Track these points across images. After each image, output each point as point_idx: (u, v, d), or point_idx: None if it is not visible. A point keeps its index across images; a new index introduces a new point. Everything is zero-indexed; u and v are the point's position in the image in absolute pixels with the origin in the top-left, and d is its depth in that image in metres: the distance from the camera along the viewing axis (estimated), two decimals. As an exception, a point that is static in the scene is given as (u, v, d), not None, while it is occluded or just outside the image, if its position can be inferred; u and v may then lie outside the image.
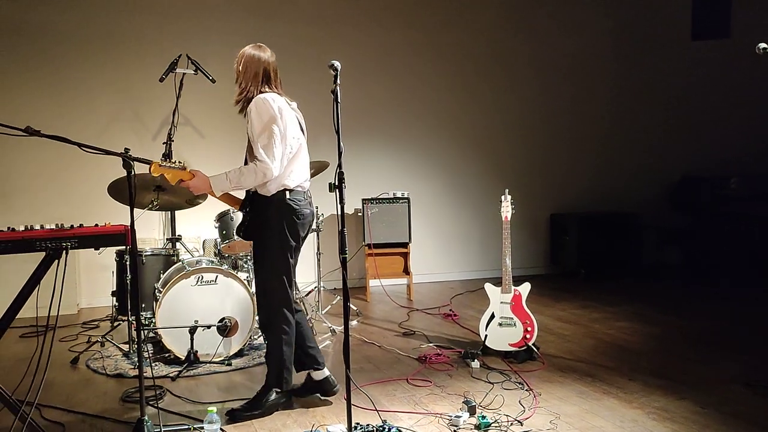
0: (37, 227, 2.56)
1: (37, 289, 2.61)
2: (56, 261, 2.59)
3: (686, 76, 7.50)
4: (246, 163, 3.21)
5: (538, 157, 7.19)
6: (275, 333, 3.23)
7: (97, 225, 2.66)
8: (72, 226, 2.62)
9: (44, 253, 2.59)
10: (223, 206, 4.58)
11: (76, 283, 5.63)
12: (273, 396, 3.25)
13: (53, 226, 2.60)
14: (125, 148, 2.73)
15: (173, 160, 3.12)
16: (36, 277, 2.59)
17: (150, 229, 5.73)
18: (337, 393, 3.35)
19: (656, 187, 7.46)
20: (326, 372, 3.38)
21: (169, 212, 5.18)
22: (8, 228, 2.53)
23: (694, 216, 7.22)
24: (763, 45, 2.96)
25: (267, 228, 3.19)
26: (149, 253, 4.53)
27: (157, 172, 3.03)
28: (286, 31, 6.25)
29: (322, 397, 3.37)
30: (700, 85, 7.52)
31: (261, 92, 3.17)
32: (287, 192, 3.17)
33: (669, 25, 7.42)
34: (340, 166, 2.69)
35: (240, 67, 3.22)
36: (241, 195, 3.32)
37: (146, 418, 2.77)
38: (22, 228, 2.53)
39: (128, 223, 2.71)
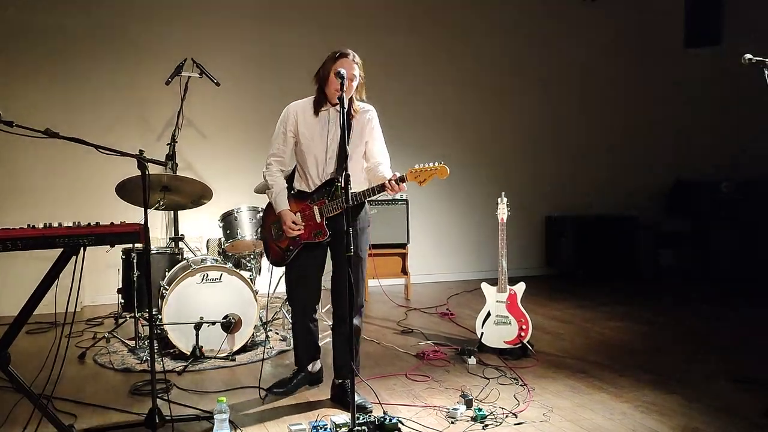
0: (56, 225, 2.67)
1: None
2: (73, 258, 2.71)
3: (679, 82, 7.65)
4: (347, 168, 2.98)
5: (534, 160, 7.32)
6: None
7: (112, 223, 2.77)
8: (89, 224, 2.73)
9: (61, 249, 2.71)
10: (227, 206, 4.70)
11: (79, 281, 5.72)
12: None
13: (70, 224, 2.71)
14: (140, 150, 2.84)
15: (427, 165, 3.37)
16: (54, 272, 2.71)
17: (153, 228, 5.78)
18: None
19: (652, 190, 7.60)
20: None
21: (172, 212, 5.28)
22: (29, 225, 2.64)
23: (689, 219, 7.36)
24: (748, 56, 3.10)
25: (364, 232, 3.51)
26: (154, 252, 4.64)
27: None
28: (291, 37, 6.37)
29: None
30: (693, 90, 7.67)
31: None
32: None
33: (662, 32, 7.56)
34: (346, 168, 2.82)
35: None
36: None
37: (158, 408, 2.89)
38: (41, 225, 2.65)
39: (137, 222, 2.83)
